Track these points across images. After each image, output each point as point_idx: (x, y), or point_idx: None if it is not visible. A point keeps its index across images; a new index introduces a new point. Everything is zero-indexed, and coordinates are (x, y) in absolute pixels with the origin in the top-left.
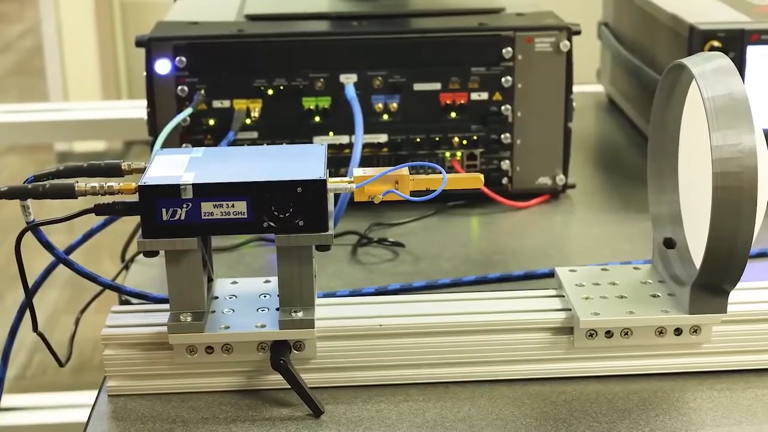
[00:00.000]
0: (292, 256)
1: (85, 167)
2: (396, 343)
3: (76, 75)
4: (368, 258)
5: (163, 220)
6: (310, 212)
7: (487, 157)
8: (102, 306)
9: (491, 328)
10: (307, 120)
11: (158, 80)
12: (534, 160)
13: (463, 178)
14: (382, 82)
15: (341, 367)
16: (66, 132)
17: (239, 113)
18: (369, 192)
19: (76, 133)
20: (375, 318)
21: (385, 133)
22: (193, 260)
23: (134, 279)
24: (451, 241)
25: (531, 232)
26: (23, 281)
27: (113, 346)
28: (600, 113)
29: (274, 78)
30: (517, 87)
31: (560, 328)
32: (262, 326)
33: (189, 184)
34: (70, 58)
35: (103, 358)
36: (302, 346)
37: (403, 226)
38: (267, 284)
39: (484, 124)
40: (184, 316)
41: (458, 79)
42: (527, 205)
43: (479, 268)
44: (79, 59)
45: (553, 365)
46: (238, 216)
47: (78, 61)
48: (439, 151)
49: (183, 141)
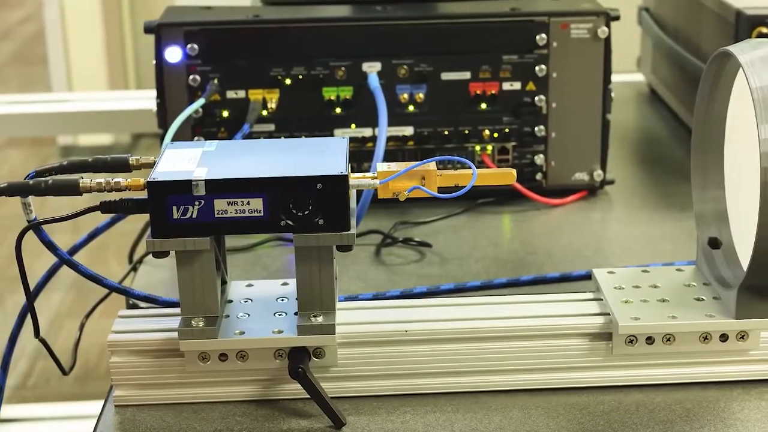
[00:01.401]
0: (311, 256)
1: (90, 162)
2: (422, 349)
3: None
4: (393, 259)
5: (174, 218)
6: (331, 210)
7: (519, 151)
8: (108, 310)
9: (524, 334)
10: (328, 111)
11: (168, 69)
12: (570, 155)
13: (494, 174)
14: (408, 70)
15: (364, 375)
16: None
17: (255, 104)
18: (393, 188)
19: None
20: (400, 323)
21: (410, 126)
22: (206, 261)
23: (143, 281)
24: (482, 241)
25: (567, 232)
26: (24, 284)
27: (120, 353)
28: (640, 104)
29: (292, 66)
30: (552, 76)
31: (598, 334)
32: (279, 332)
33: (201, 180)
34: (74, 45)
35: (109, 365)
36: (322, 353)
37: (430, 224)
38: (285, 287)
39: (516, 116)
40: (196, 321)
41: (489, 68)
42: (563, 202)
43: (511, 270)
44: (84, 46)
45: (591, 374)
46: (254, 214)
47: (83, 48)
48: (469, 144)
49: (195, 134)
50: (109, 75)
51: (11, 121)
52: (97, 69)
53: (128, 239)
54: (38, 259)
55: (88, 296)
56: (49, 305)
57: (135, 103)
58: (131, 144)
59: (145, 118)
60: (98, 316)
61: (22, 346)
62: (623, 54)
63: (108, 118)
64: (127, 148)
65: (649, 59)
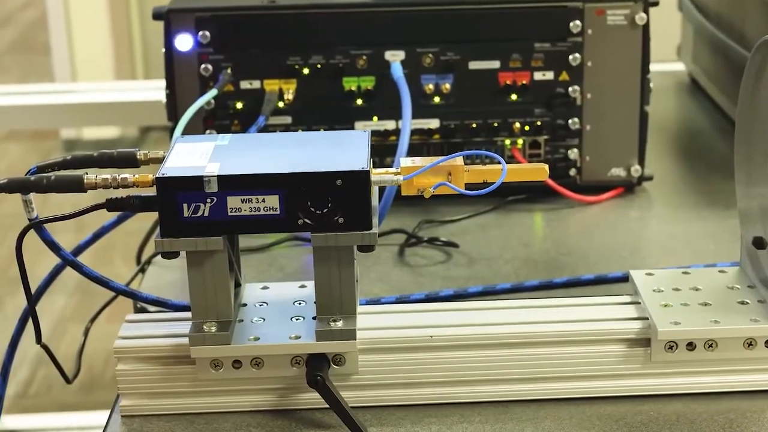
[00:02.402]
0: (330, 257)
1: (95, 157)
2: (449, 356)
3: (84, 52)
4: (417, 260)
5: (185, 216)
6: (352, 208)
7: (552, 145)
8: (114, 314)
9: (557, 340)
10: (348, 103)
11: (178, 58)
12: (606, 149)
13: (525, 169)
14: (434, 59)
15: (387, 383)
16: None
17: (271, 95)
18: (418, 185)
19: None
20: (425, 328)
21: (436, 118)
22: (218, 262)
23: (151, 283)
24: (512, 240)
25: (602, 231)
26: (25, 286)
27: (127, 359)
28: (681, 95)
29: (310, 55)
30: (587, 65)
31: (635, 339)
32: (296, 337)
33: (213, 176)
34: (78, 32)
35: (115, 373)
36: (342, 360)
37: (457, 223)
38: (302, 290)
39: (548, 108)
40: (208, 325)
41: (520, 57)
42: (598, 199)
43: (543, 272)
44: (89, 34)
45: (628, 382)
46: (270, 212)
47: (87, 35)
48: (498, 138)
49: (207, 127)
50: (116, 64)
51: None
52: (102, 58)
53: (136, 239)
54: (40, 260)
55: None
56: (52, 309)
57: (143, 94)
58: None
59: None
60: (104, 321)
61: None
62: (662, 42)
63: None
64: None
65: (690, 47)
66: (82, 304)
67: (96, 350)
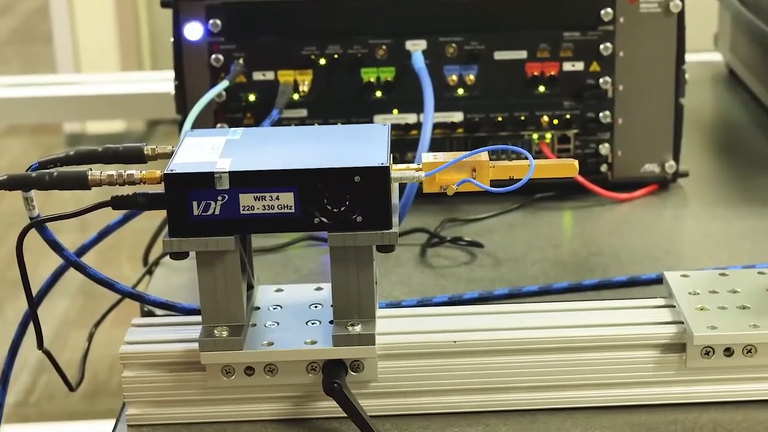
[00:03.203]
0: (348, 258)
1: (99, 152)
2: (473, 362)
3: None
4: (440, 261)
5: (194, 215)
6: (370, 206)
7: (582, 139)
8: (120, 318)
9: (587, 345)
10: (367, 95)
11: (188, 47)
12: (639, 144)
13: (553, 165)
14: (457, 49)
15: (407, 391)
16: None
17: (285, 87)
18: (441, 181)
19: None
20: (448, 333)
21: (459, 111)
22: (230, 263)
23: (159, 286)
24: (539, 240)
25: (635, 230)
26: (26, 288)
27: (134, 366)
28: (718, 87)
29: (327, 44)
30: (619, 55)
31: (670, 344)
32: (312, 342)
33: (225, 172)
34: (81, 20)
35: (121, 380)
36: (361, 367)
37: (482, 222)
38: (318, 292)
39: (578, 100)
40: (218, 330)
41: (548, 46)
42: (630, 197)
43: (573, 273)
44: (93, 22)
45: (662, 389)
46: (284, 210)
47: (91, 24)
48: (525, 132)
49: (217, 120)
50: (121, 54)
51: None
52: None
53: (143, 239)
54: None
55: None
56: (54, 313)
57: (150, 86)
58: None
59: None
60: (109, 325)
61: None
62: (698, 30)
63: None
64: (141, 137)
65: (728, 36)
66: (86, 307)
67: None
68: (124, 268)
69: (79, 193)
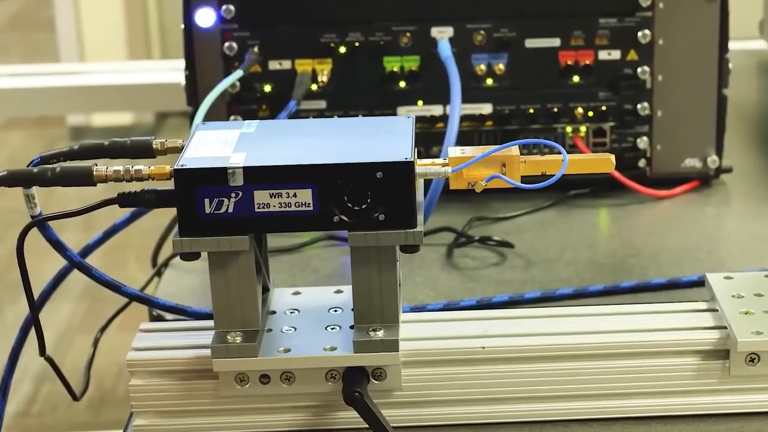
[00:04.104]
0: (370, 259)
1: (105, 146)
2: (503, 370)
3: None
4: (467, 262)
5: (206, 213)
6: (394, 203)
7: (619, 132)
8: (127, 323)
9: (624, 352)
10: (390, 85)
11: (199, 35)
12: (679, 137)
13: (588, 160)
14: (486, 36)
15: (433, 400)
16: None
17: (303, 77)
18: (468, 177)
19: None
20: (476, 338)
21: (488, 103)
22: (244, 265)
23: (169, 288)
24: (573, 240)
25: (675, 229)
26: (27, 291)
27: (142, 374)
28: (764, 76)
29: (347, 32)
30: (658, 43)
31: (712, 351)
32: (331, 349)
33: (239, 168)
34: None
35: (128, 389)
36: (383, 374)
37: (512, 221)
38: (338, 295)
39: (615, 91)
40: (232, 336)
41: (582, 34)
42: (670, 194)
43: (609, 275)
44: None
45: (703, 398)
46: (302, 208)
47: (97, 10)
48: (558, 125)
49: (231, 112)
50: (129, 42)
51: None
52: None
53: (151, 238)
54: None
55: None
56: (57, 317)
57: (159, 76)
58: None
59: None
60: (115, 331)
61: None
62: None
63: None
64: (150, 130)
65: None
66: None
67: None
68: (131, 269)
69: (83, 190)
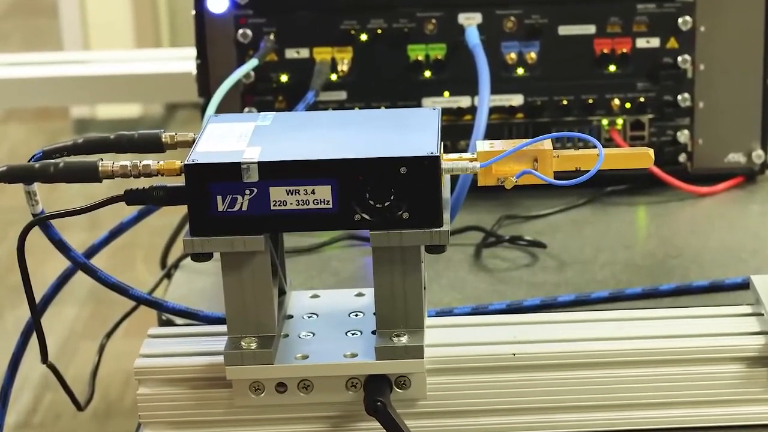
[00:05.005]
0: (393, 260)
1: (111, 139)
2: (534, 378)
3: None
4: (497, 263)
5: (219, 211)
6: (418, 201)
7: (658, 125)
8: (135, 328)
9: (663, 359)
10: (414, 75)
11: (212, 21)
12: (722, 130)
13: (625, 155)
14: (516, 23)
15: (460, 410)
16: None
17: (322, 66)
18: (498, 173)
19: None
20: (506, 344)
21: (519, 94)
22: (259, 266)
23: (179, 291)
24: (609, 240)
25: (718, 228)
26: (28, 294)
27: (150, 382)
28: None
29: (368, 18)
30: (699, 30)
31: (757, 358)
32: (352, 355)
33: (253, 163)
34: None
35: (136, 398)
36: (407, 383)
37: (544, 219)
38: (359, 299)
39: (654, 81)
40: (246, 341)
41: (619, 20)
42: (713, 190)
43: (647, 277)
44: None
45: (747, 408)
46: (321, 206)
47: None
48: (594, 117)
49: (245, 104)
50: (136, 29)
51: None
52: (120, 21)
53: (160, 238)
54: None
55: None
56: (61, 322)
57: (169, 65)
58: (164, 117)
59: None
60: (122, 336)
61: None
62: None
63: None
64: (158, 122)
65: None
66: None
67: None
68: (139, 271)
69: (88, 187)
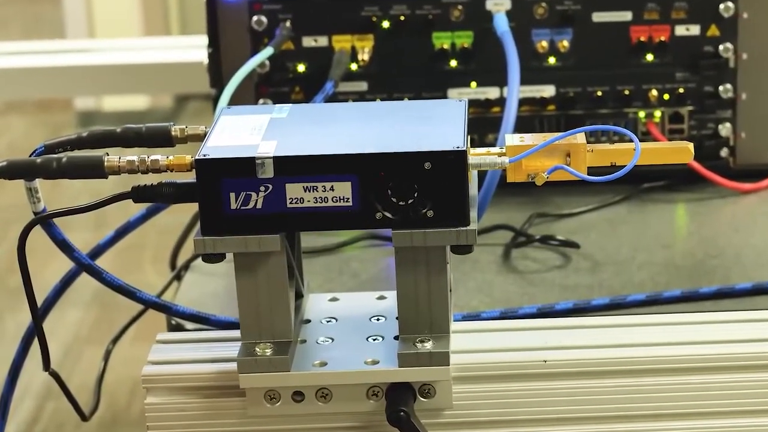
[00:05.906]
0: (417, 261)
1: (118, 133)
2: (566, 386)
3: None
4: (527, 264)
5: (232, 209)
6: (444, 198)
7: (698, 118)
8: (143, 333)
9: (703, 365)
10: (439, 65)
11: (224, 8)
12: (766, 124)
13: (664, 149)
14: (547, 10)
15: (487, 420)
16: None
17: (341, 55)
18: (528, 169)
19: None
20: (537, 351)
21: (551, 84)
22: (275, 267)
23: (189, 294)
24: (647, 239)
25: (761, 227)
26: (29, 297)
27: (159, 390)
28: None
29: (391, 4)
30: (742, 17)
31: None
32: (373, 362)
33: (269, 158)
34: None
35: (144, 407)
36: (432, 392)
37: (577, 217)
38: (381, 302)
39: (694, 71)
40: (261, 347)
41: (657, 6)
42: (756, 187)
43: (687, 279)
44: None
45: None
46: (340, 203)
47: None
48: (630, 109)
49: (260, 95)
50: (145, 16)
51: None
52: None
53: (170, 238)
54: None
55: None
56: (64, 326)
57: (179, 54)
58: (174, 109)
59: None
60: (129, 342)
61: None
62: None
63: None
64: (168, 115)
65: None
66: (102, 320)
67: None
68: (147, 273)
69: (93, 183)
